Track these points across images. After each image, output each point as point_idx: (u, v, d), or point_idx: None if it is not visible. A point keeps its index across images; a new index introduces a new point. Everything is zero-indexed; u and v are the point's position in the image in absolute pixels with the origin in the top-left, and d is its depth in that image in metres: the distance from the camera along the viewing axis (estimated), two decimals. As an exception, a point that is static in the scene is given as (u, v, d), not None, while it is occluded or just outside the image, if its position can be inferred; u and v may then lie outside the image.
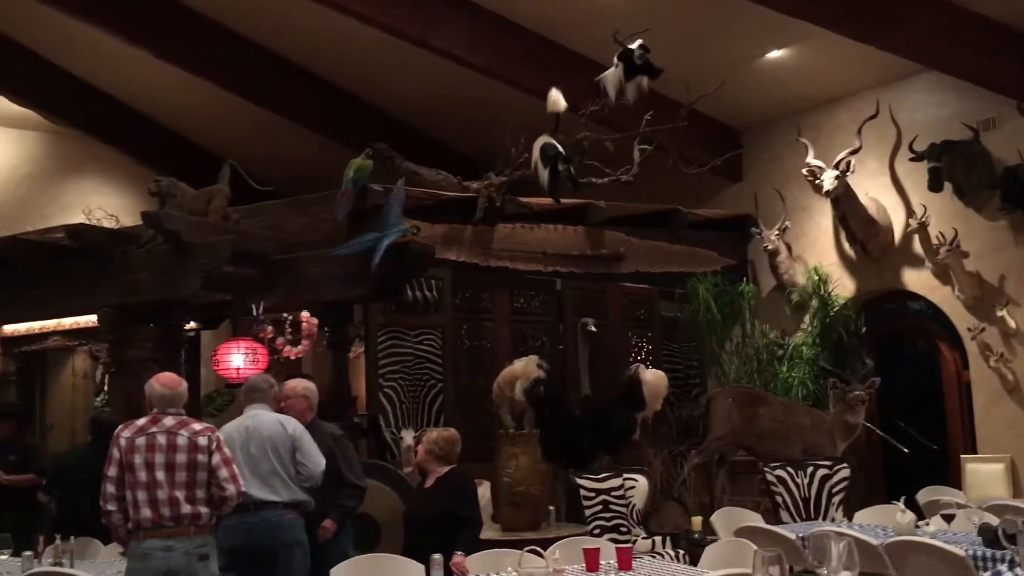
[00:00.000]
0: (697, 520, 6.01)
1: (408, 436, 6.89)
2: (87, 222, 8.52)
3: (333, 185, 6.70)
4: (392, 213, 6.26)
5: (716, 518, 5.78)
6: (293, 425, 4.82)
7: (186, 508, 4.04)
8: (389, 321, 7.47)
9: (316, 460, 4.78)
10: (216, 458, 4.13)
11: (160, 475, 4.04)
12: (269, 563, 4.54)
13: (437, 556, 4.08)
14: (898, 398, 8.25)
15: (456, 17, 7.78)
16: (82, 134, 10.48)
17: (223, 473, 4.12)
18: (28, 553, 5.04)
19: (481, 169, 7.65)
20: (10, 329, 8.75)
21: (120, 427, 4.24)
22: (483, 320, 8.00)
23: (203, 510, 4.09)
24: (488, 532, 5.52)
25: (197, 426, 4.19)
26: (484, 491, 5.98)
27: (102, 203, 10.63)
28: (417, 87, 9.05)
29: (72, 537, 5.15)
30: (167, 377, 4.36)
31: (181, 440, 4.10)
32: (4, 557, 5.23)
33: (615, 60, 6.59)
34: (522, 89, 8.00)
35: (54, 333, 8.70)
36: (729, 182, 9.35)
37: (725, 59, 7.85)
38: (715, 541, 5.07)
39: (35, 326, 8.71)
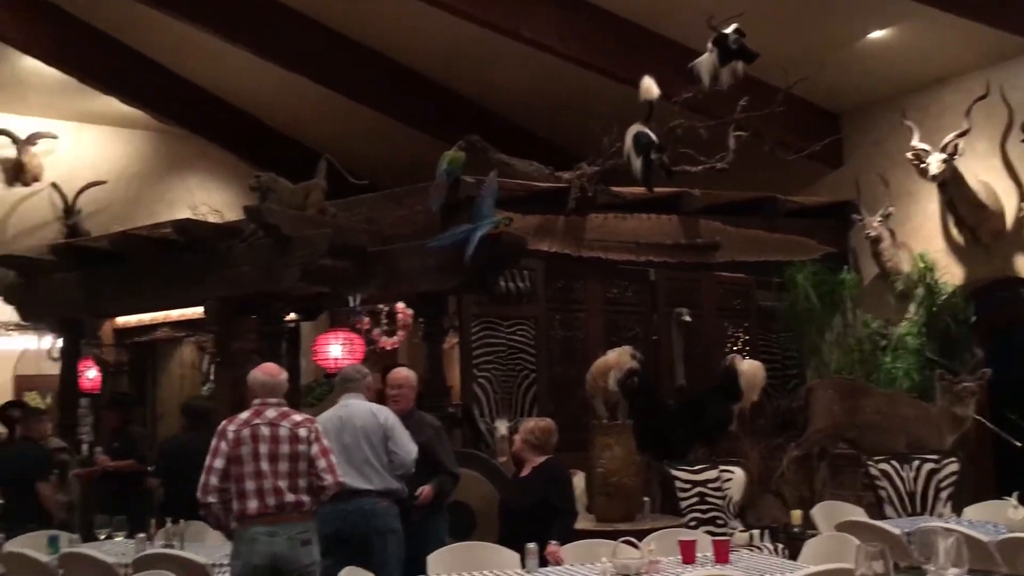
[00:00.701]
0: (796, 514, 5.88)
1: (502, 426, 6.94)
2: (193, 217, 8.84)
3: (427, 178, 6.78)
4: (485, 205, 6.30)
5: (816, 512, 5.65)
6: (385, 414, 4.91)
7: (289, 497, 4.17)
8: (483, 312, 7.51)
9: (408, 448, 4.87)
10: (315, 448, 4.24)
11: (264, 466, 4.18)
12: (364, 550, 4.63)
13: (532, 545, 4.11)
14: (1010, 390, 7.89)
15: (547, 7, 7.77)
16: (188, 132, 10.86)
17: (321, 464, 4.23)
18: (141, 535, 5.27)
19: (573, 159, 7.62)
20: (122, 321, 9.13)
21: (225, 421, 4.39)
22: (576, 310, 7.98)
23: (305, 498, 4.21)
24: (582, 522, 5.52)
25: (298, 417, 4.31)
26: (579, 481, 5.98)
27: (207, 198, 11.02)
28: (509, 78, 9.08)
29: (182, 520, 5.38)
30: (268, 367, 4.50)
31: (283, 431, 4.24)
32: (119, 539, 5.49)
33: (709, 45, 6.48)
34: (614, 78, 7.94)
35: (163, 325, 9.04)
36: (828, 168, 9.09)
37: (824, 41, 7.62)
38: (815, 535, 4.96)
39: (146, 318, 9.07)
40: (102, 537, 5.56)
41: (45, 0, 8.64)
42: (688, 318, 7.64)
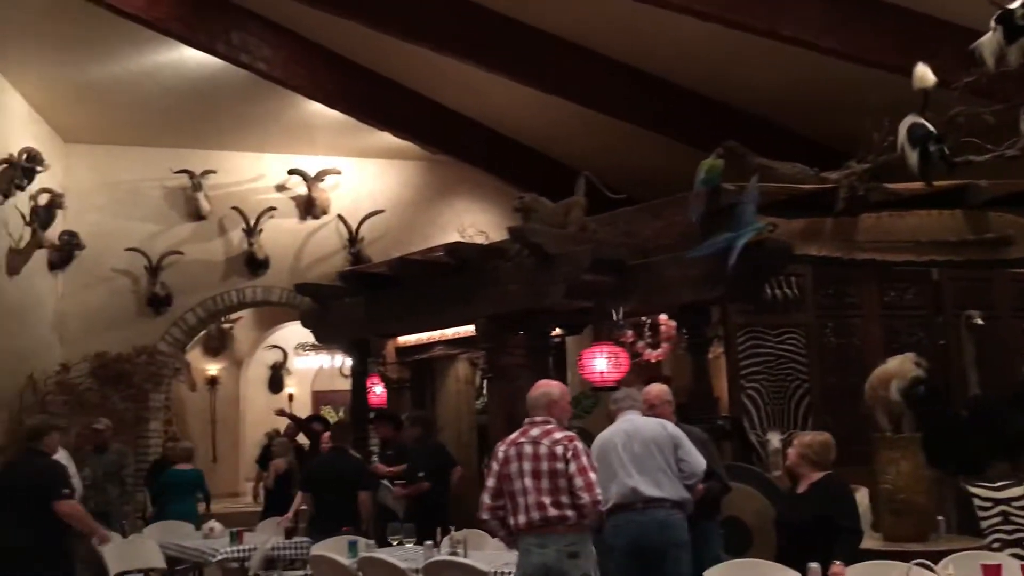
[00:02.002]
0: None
1: (774, 439, 6.71)
2: (461, 240, 9.32)
3: (685, 188, 6.70)
4: (746, 212, 6.12)
5: None
6: (671, 425, 4.96)
7: (552, 512, 4.23)
8: (748, 321, 7.30)
9: (697, 457, 4.87)
10: (572, 466, 4.22)
11: (528, 482, 4.28)
12: (658, 562, 4.62)
13: (815, 565, 3.93)
14: None
15: (805, 2, 7.44)
16: (453, 159, 11.47)
17: (578, 482, 4.21)
18: (428, 543, 5.60)
19: (840, 157, 7.23)
20: (403, 340, 9.77)
21: (499, 442, 4.57)
22: (850, 316, 7.55)
23: (569, 513, 4.22)
24: (868, 542, 5.19)
25: (558, 435, 4.34)
26: (861, 497, 5.64)
27: (473, 221, 11.59)
28: (764, 78, 8.79)
29: (464, 528, 5.65)
30: (539, 383, 4.62)
31: (543, 449, 4.30)
32: (409, 545, 5.86)
33: (992, 23, 5.91)
34: (882, 68, 7.45)
35: (439, 343, 9.57)
36: None
37: None
38: None
39: (423, 337, 9.64)
40: (394, 543, 5.96)
41: (325, 49, 9.47)
42: (980, 320, 7.01)
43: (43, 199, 9.92)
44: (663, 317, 8.47)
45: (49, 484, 5.58)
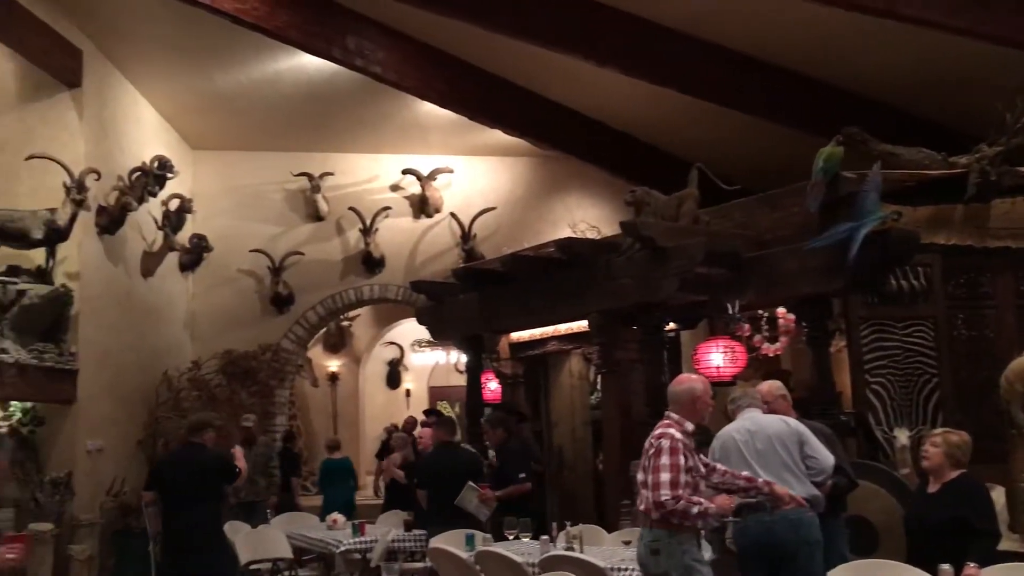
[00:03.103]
0: None
1: (902, 435, 6.47)
2: (573, 235, 9.30)
3: (802, 177, 6.53)
4: (868, 200, 5.91)
5: None
6: (795, 422, 4.83)
7: (640, 505, 4.27)
8: (872, 313, 7.05)
9: (824, 453, 4.74)
10: (652, 463, 4.20)
11: (640, 475, 4.32)
12: (787, 563, 4.50)
13: (946, 567, 3.77)
14: None
15: (928, -21, 7.13)
16: (563, 155, 11.46)
17: (649, 478, 4.18)
18: (544, 537, 5.62)
19: (969, 141, 6.91)
20: (516, 336, 9.82)
21: None
22: (983, 307, 7.19)
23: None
24: (1006, 543, 4.95)
25: (658, 430, 4.30)
26: (997, 496, 5.37)
27: (584, 216, 11.56)
28: (884, 61, 8.45)
29: (580, 524, 5.66)
30: (682, 378, 4.57)
31: (647, 443, 4.31)
32: (525, 540, 5.90)
33: None
34: (1015, 45, 7.07)
35: (552, 338, 9.58)
36: None
37: None
38: None
39: (536, 332, 9.67)
40: (511, 537, 6.02)
41: (437, 50, 9.61)
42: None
43: (174, 204, 10.42)
44: (781, 310, 8.26)
45: (224, 468, 6.42)
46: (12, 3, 7.67)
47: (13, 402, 7.97)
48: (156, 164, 9.51)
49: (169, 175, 9.66)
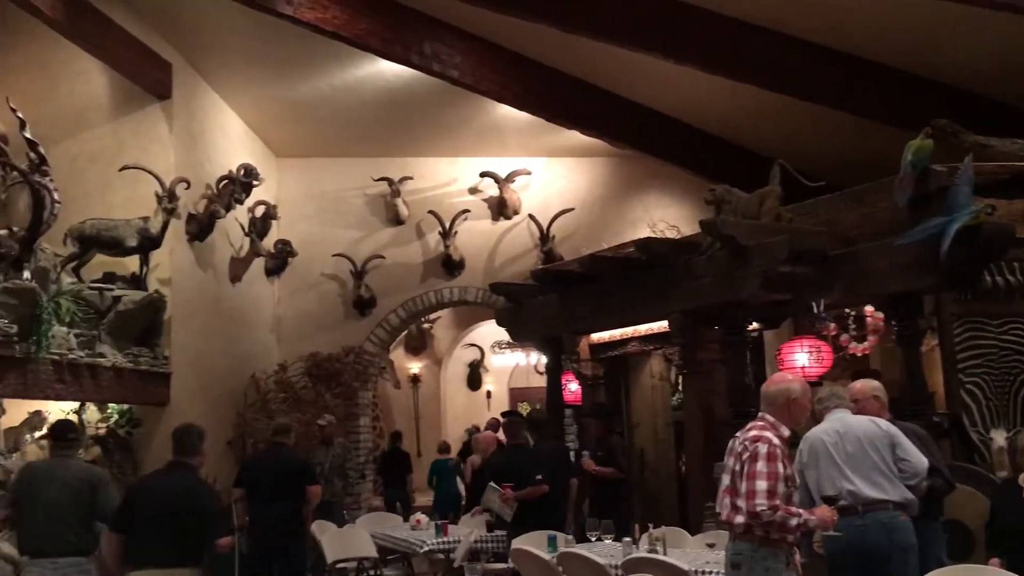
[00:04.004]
0: None
1: (999, 437, 6.23)
2: (652, 235, 9.23)
3: (889, 172, 6.34)
4: (960, 194, 5.71)
5: None
6: (886, 423, 4.70)
7: (724, 514, 3.98)
8: (966, 311, 6.81)
9: (917, 455, 4.58)
10: (746, 469, 3.89)
11: (725, 479, 4.03)
12: (880, 568, 4.36)
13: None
14: None
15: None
16: (641, 154, 11.38)
17: (743, 486, 3.86)
18: (627, 539, 5.59)
19: (1068, 130, 6.62)
20: (596, 337, 9.79)
21: None
22: (1083, 303, 6.89)
23: (738, 519, 3.88)
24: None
25: (751, 433, 4.01)
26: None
27: (663, 215, 11.46)
28: (973, 49, 8.13)
29: (662, 526, 5.61)
30: (777, 377, 4.29)
31: (737, 446, 4.04)
32: (608, 541, 5.88)
33: None
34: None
35: (632, 339, 9.52)
36: None
37: None
38: None
39: (616, 333, 9.62)
40: (593, 539, 6.00)
41: (513, 52, 9.65)
42: None
43: (259, 211, 10.70)
44: (869, 308, 8.05)
45: (304, 471, 7.08)
46: (106, 19, 7.97)
47: (111, 404, 8.28)
48: (242, 172, 9.77)
49: (255, 183, 9.92)
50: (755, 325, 7.95)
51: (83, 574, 4.91)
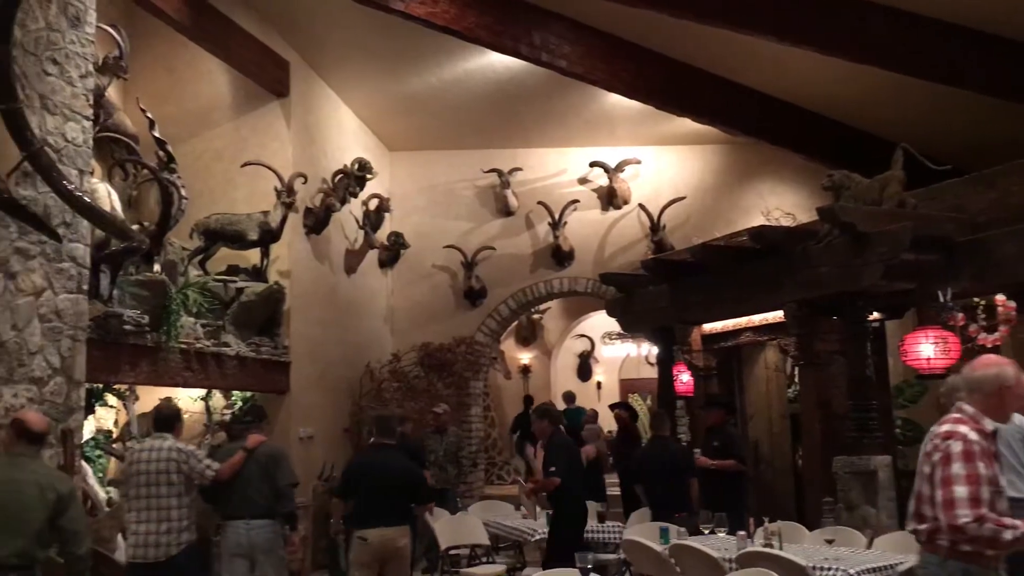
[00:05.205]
0: None
1: None
2: (766, 223, 9.01)
3: (1022, 154, 6.02)
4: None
5: None
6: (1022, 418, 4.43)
7: (911, 523, 3.48)
8: (1107, 300, 6.42)
9: None
10: (937, 473, 3.32)
11: (917, 483, 3.50)
12: None
13: None
14: None
15: None
16: (754, 140, 11.11)
17: (938, 494, 3.29)
18: (741, 533, 5.49)
19: None
20: (709, 327, 9.63)
21: None
22: None
23: (921, 527, 3.40)
24: None
25: (943, 428, 3.43)
26: None
27: (778, 203, 11.17)
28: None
29: (778, 520, 5.48)
30: (985, 359, 3.61)
31: (928, 445, 3.48)
32: (721, 535, 5.78)
33: None
34: None
35: (746, 329, 9.33)
36: None
37: None
38: None
39: (729, 323, 9.45)
40: (706, 532, 5.92)
41: (622, 40, 9.55)
42: None
43: (373, 204, 10.94)
44: (1000, 297, 7.66)
45: (421, 456, 7.43)
46: (227, 21, 8.28)
47: (235, 392, 8.62)
48: (356, 166, 10.00)
49: (368, 176, 10.13)
50: (876, 315, 7.68)
51: (271, 533, 5.67)
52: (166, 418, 5.66)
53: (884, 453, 6.65)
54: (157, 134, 7.71)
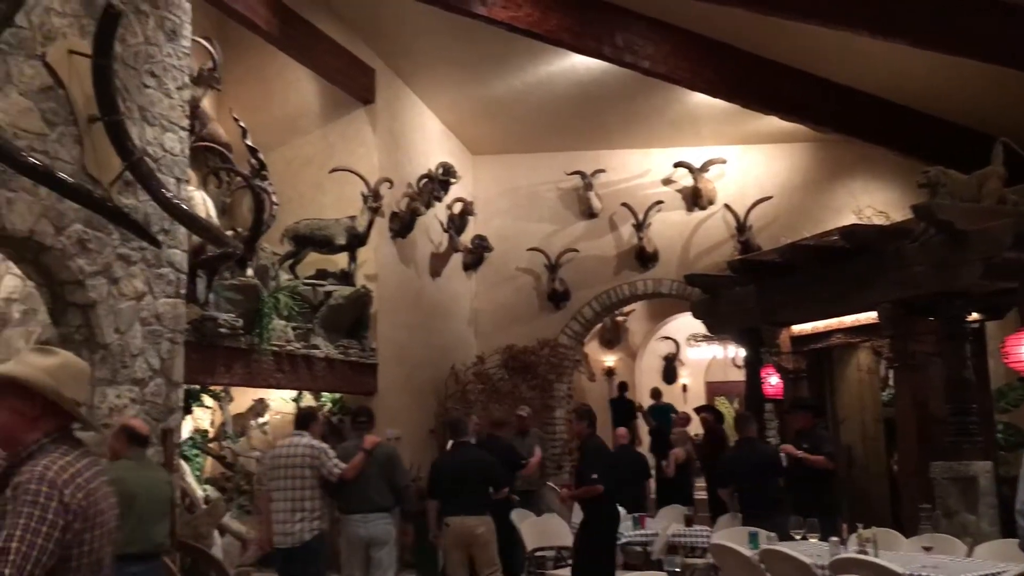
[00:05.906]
0: None
1: None
2: (858, 221, 8.78)
3: None
4: None
5: None
6: None
7: None
8: None
9: None
10: None
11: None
12: None
13: None
14: None
15: None
16: (845, 137, 10.83)
17: None
18: (834, 539, 5.36)
19: None
20: (798, 329, 9.42)
21: None
22: None
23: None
24: None
25: None
26: None
27: (870, 201, 10.87)
28: None
29: (873, 526, 5.33)
30: None
31: None
32: (813, 540, 5.66)
33: None
34: None
35: (837, 331, 9.08)
36: None
37: None
38: None
39: (820, 325, 9.21)
40: (797, 537, 5.79)
41: (706, 38, 9.43)
42: None
43: (457, 207, 11.04)
44: (1110, 297, 7.32)
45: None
46: (314, 30, 8.48)
47: (324, 393, 8.80)
48: (441, 171, 10.11)
49: (453, 180, 10.24)
50: (975, 315, 7.41)
51: (386, 524, 6.16)
52: (304, 417, 6.27)
53: (984, 459, 6.42)
54: (249, 142, 7.94)
